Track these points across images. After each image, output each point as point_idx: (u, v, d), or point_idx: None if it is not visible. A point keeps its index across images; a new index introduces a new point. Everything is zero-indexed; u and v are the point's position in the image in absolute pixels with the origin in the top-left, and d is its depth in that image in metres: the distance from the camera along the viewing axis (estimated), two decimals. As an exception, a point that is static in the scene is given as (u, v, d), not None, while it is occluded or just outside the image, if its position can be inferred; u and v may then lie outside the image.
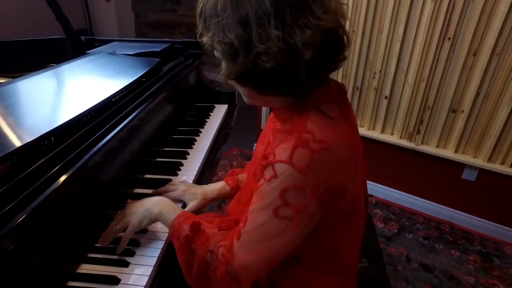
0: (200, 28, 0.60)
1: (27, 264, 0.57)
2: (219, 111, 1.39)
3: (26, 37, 1.53)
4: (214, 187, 0.93)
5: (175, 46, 1.47)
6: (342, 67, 1.94)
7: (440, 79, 1.70)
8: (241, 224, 0.61)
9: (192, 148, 1.11)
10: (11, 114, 0.72)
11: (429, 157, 1.90)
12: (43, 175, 0.61)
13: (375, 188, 2.18)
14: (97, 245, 0.73)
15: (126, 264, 0.68)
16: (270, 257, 0.61)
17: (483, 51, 1.56)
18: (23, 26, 3.48)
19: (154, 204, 0.76)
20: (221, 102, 1.45)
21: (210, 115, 1.34)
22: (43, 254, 0.60)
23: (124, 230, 0.74)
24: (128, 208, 0.78)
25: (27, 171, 0.60)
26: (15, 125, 0.68)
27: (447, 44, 1.62)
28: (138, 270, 0.67)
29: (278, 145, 0.57)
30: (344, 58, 0.61)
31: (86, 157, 0.69)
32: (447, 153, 1.84)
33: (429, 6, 1.60)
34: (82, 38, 1.53)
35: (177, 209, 0.75)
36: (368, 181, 2.19)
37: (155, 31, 4.76)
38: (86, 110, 0.78)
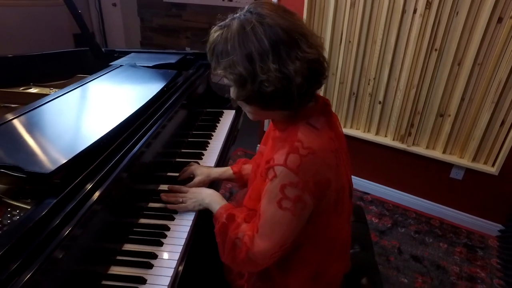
0: (213, 63, 0.77)
1: (91, 242, 0.73)
2: (228, 116, 1.54)
3: (44, 49, 1.67)
4: (218, 169, 1.16)
5: (188, 57, 1.63)
6: (340, 75, 2.10)
7: (429, 86, 1.86)
8: (257, 220, 0.79)
9: (206, 149, 1.27)
10: (60, 127, 0.88)
11: (419, 157, 2.05)
12: (94, 179, 0.76)
13: (370, 187, 2.34)
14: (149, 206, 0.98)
15: (160, 244, 0.84)
16: (280, 242, 0.77)
17: (466, 61, 1.72)
18: (33, 36, 3.65)
19: (207, 196, 0.97)
20: (229, 108, 1.61)
21: (220, 120, 1.50)
22: (101, 235, 0.76)
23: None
24: (191, 192, 1.01)
25: (80, 177, 0.75)
26: (68, 136, 0.84)
27: (434, 54, 1.78)
28: (170, 248, 0.84)
29: (277, 151, 0.74)
30: (326, 77, 0.79)
31: (125, 161, 0.84)
32: (436, 153, 2.00)
33: (417, 20, 1.76)
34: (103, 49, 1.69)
35: (221, 201, 0.94)
36: (363, 180, 2.37)
37: (160, 35, 4.91)
38: (121, 122, 0.93)
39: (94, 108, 1.04)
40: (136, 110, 1.00)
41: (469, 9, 1.62)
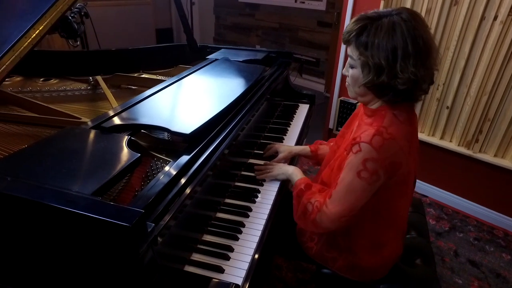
0: (354, 44, 0.88)
1: (206, 195, 0.97)
2: (303, 109, 1.74)
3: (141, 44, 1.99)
4: (298, 147, 1.38)
5: (270, 54, 1.85)
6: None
7: (503, 94, 1.86)
8: (332, 189, 0.95)
9: (286, 135, 1.47)
10: (185, 104, 1.14)
11: (486, 165, 2.04)
12: (209, 148, 0.98)
13: (430, 190, 2.37)
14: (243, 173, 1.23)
15: (247, 216, 1.05)
16: (350, 207, 0.92)
17: (547, 71, 1.70)
18: (124, 30, 4.20)
19: (291, 169, 1.19)
20: (304, 102, 1.80)
21: (296, 111, 1.70)
22: (211, 190, 1.00)
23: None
24: (277, 165, 1.24)
25: (202, 143, 0.98)
26: (193, 111, 1.09)
27: (512, 63, 1.78)
28: (256, 220, 1.04)
29: (364, 131, 0.89)
30: None
31: (229, 138, 1.06)
32: (505, 162, 1.97)
33: (497, 28, 1.77)
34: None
35: (301, 175, 1.14)
36: (423, 183, 2.42)
37: (233, 32, 5.25)
38: (228, 104, 1.15)
39: (207, 92, 1.29)
40: (238, 96, 1.23)
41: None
